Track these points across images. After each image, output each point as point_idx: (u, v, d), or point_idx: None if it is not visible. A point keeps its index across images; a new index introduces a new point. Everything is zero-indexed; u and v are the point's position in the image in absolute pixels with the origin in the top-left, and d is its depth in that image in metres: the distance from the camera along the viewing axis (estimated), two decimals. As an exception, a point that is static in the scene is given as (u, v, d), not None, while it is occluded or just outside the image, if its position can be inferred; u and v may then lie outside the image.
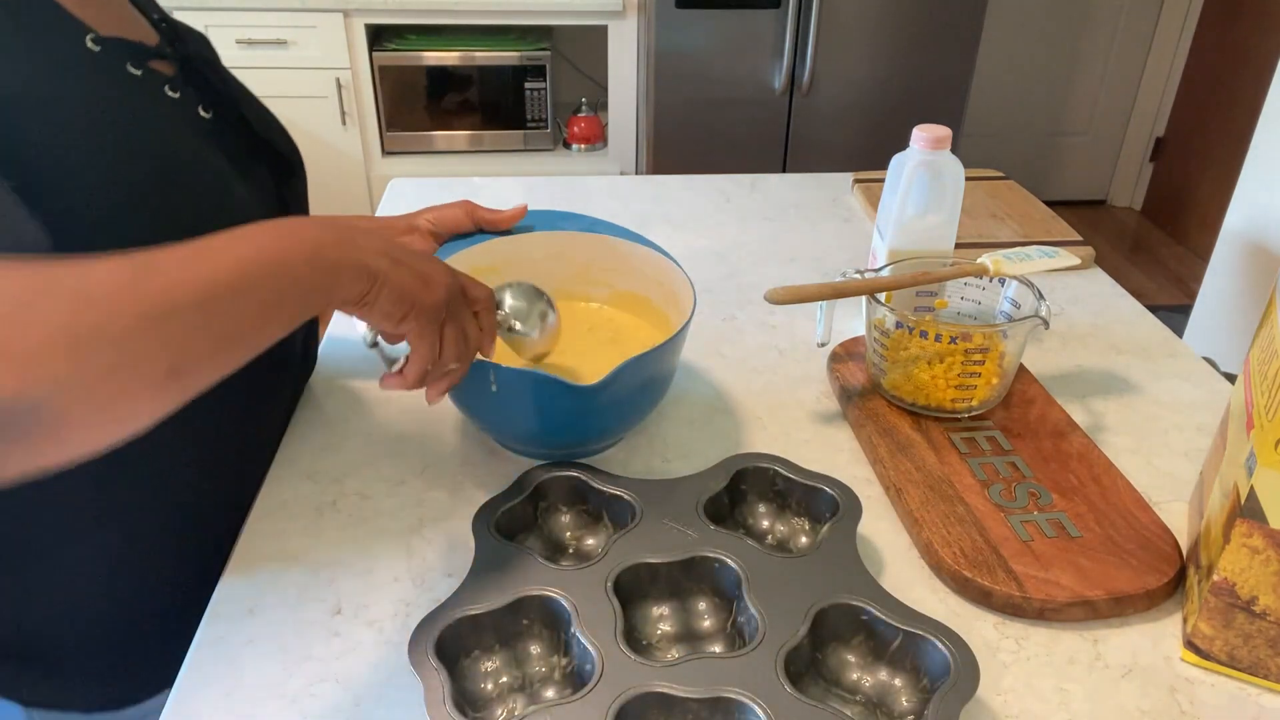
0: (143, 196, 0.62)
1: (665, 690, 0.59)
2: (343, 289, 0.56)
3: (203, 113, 0.71)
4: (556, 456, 0.82)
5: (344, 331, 1.05)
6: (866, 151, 2.70)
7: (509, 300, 0.77)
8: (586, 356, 0.88)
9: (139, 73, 0.65)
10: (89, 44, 0.62)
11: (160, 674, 0.79)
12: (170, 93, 0.68)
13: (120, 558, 0.75)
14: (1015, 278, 0.91)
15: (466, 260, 0.89)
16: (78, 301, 0.42)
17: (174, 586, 0.79)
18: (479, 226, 0.89)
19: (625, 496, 0.75)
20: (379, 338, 0.69)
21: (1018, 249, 0.94)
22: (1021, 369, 0.96)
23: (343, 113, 2.76)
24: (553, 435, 0.81)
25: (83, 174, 0.59)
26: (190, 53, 0.72)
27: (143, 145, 0.63)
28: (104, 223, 0.59)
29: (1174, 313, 1.48)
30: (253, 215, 0.66)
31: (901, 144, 0.99)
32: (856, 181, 1.45)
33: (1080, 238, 1.28)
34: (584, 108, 2.98)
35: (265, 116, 0.79)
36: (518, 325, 0.77)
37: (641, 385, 0.80)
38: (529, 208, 0.92)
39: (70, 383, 0.41)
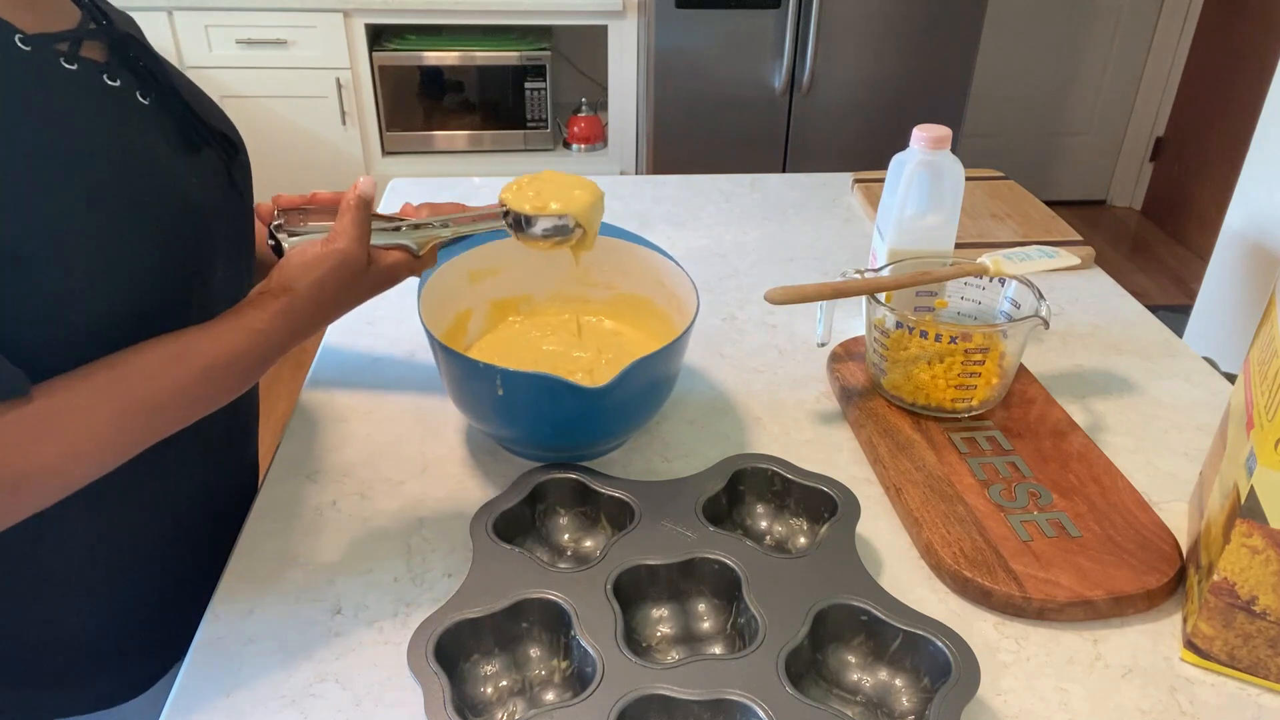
0: (98, 196, 0.60)
1: (666, 693, 0.59)
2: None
3: (141, 98, 0.67)
4: (560, 459, 0.82)
5: (342, 340, 1.05)
6: (866, 151, 2.69)
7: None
8: (594, 373, 0.88)
9: (74, 67, 0.62)
10: (18, 44, 0.59)
11: (150, 672, 0.79)
12: (109, 81, 0.65)
13: (109, 574, 0.74)
14: (1015, 278, 0.91)
15: (465, 263, 0.90)
16: (68, 447, 0.58)
17: (162, 598, 0.78)
18: None
19: (623, 498, 0.75)
20: (281, 240, 0.72)
21: (1018, 249, 0.94)
22: (1021, 369, 0.96)
23: (343, 113, 2.75)
24: (559, 439, 0.81)
25: (34, 183, 0.57)
26: (119, 34, 0.67)
27: (91, 145, 0.61)
28: (64, 229, 0.58)
29: (1174, 313, 1.48)
30: (201, 203, 0.68)
31: (901, 144, 0.99)
32: (856, 181, 1.45)
33: (1080, 238, 1.27)
34: (584, 108, 2.97)
35: (201, 98, 0.76)
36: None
37: (647, 388, 0.80)
38: None
39: (48, 497, 0.59)
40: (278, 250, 0.70)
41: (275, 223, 0.70)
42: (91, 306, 0.60)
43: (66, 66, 0.61)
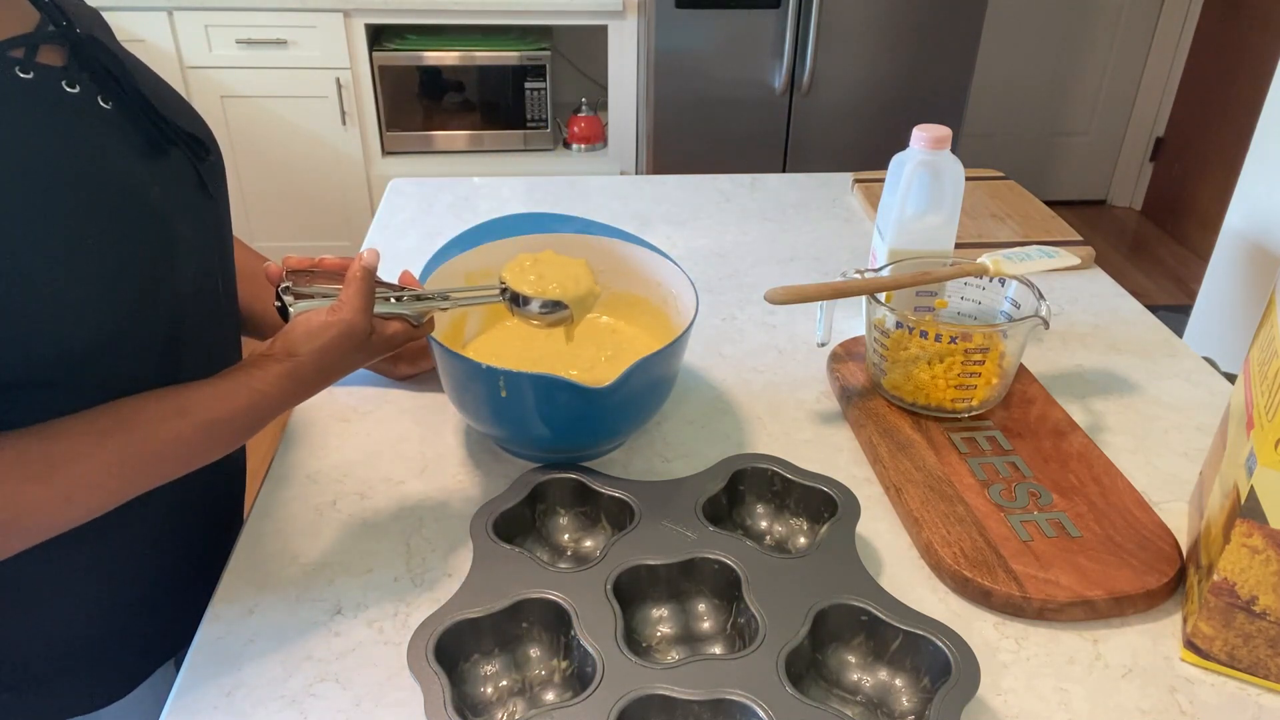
0: (55, 207, 0.59)
1: (666, 693, 0.59)
2: None
3: (103, 103, 0.65)
4: (560, 459, 0.82)
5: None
6: (866, 151, 2.69)
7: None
8: (594, 370, 0.88)
9: (30, 76, 0.60)
10: None
11: (143, 670, 0.79)
12: (68, 88, 0.63)
13: (99, 575, 0.73)
14: (1015, 278, 0.91)
15: (462, 266, 0.89)
16: (62, 491, 0.59)
17: (153, 595, 0.77)
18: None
19: (623, 498, 0.75)
20: (289, 305, 0.72)
21: (1018, 249, 0.94)
22: (1021, 369, 0.96)
23: (343, 113, 2.75)
24: (561, 439, 0.81)
25: None
26: (80, 36, 0.65)
27: (48, 156, 0.59)
28: (20, 242, 0.57)
29: (1174, 313, 1.48)
30: (165, 207, 0.67)
31: (901, 144, 0.99)
32: (856, 181, 1.45)
33: (1080, 238, 1.27)
34: (584, 108, 2.97)
35: (168, 96, 0.73)
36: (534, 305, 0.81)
37: (648, 387, 0.80)
38: (525, 209, 0.92)
39: (34, 537, 0.60)
40: (283, 312, 0.71)
41: (283, 285, 0.71)
42: (51, 317, 0.59)
43: (21, 75, 0.60)
